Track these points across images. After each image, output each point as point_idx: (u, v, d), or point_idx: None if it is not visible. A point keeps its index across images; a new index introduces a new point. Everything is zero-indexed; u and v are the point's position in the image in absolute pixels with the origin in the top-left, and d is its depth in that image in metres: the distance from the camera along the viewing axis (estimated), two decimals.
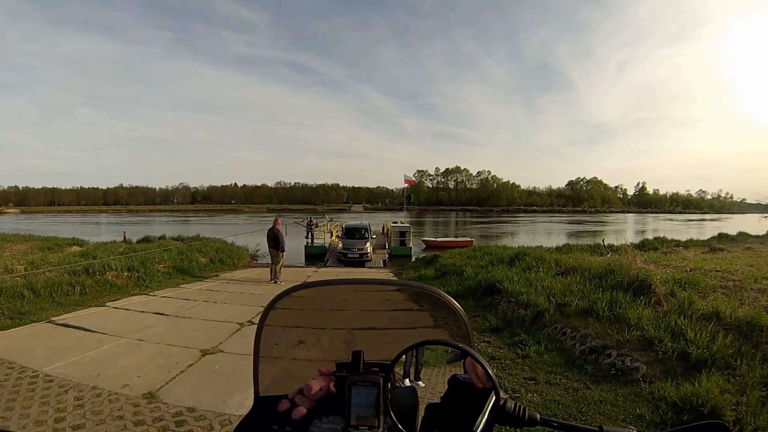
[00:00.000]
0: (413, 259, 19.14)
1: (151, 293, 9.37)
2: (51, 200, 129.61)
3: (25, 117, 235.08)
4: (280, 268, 12.02)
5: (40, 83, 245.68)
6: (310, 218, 23.49)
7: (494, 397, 0.70)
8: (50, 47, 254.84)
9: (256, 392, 0.91)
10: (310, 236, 21.90)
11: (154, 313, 7.29)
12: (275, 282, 11.48)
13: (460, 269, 10.80)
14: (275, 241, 11.81)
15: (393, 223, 25.72)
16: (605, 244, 19.90)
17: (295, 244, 22.66)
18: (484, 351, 5.30)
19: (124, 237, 21.50)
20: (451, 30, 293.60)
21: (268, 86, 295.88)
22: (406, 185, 28.82)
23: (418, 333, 0.95)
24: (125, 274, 10.76)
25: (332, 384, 0.83)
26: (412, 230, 22.25)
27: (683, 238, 26.56)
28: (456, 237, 33.46)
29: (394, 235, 21.77)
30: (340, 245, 19.25)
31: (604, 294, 6.35)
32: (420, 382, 0.97)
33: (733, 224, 53.34)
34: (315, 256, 20.25)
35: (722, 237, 27.23)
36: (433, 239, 28.73)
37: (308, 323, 1.04)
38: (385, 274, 13.71)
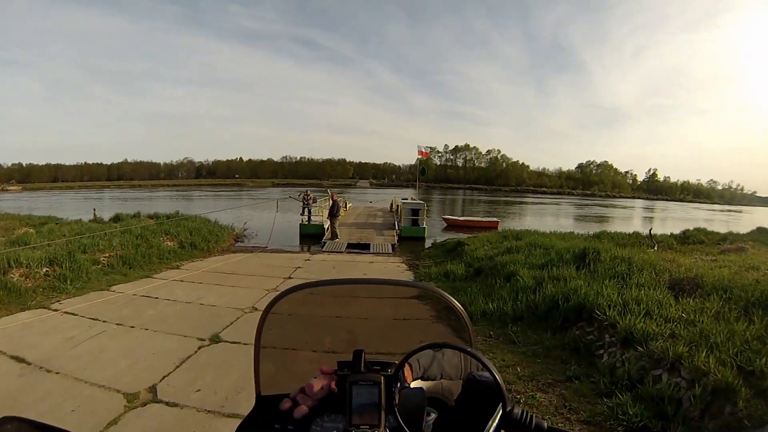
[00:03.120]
0: (428, 244, 16.02)
1: (61, 301, 6.46)
2: (55, 176, 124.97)
3: (30, 94, 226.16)
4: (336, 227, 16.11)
5: (45, 60, 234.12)
6: (307, 191, 19.91)
7: (501, 404, 0.69)
8: (55, 23, 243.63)
9: (258, 391, 0.90)
10: (306, 213, 18.68)
11: (13, 358, 4.30)
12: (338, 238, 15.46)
13: (506, 269, 7.68)
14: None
15: (403, 199, 22.53)
16: (651, 233, 16.75)
17: (286, 222, 19.70)
18: None
19: (94, 215, 18.78)
20: (462, 7, 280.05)
21: (275, 61, 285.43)
22: (419, 157, 25.55)
23: (420, 332, 0.97)
24: (42, 271, 7.78)
25: (334, 383, 0.82)
26: (426, 208, 19.02)
27: (715, 229, 23.34)
28: (481, 217, 29.95)
29: (405, 213, 18.43)
30: None
31: None
32: (427, 383, 0.88)
33: (752, 217, 49.85)
34: (311, 236, 17.01)
35: (762, 231, 24.23)
36: (455, 218, 25.40)
37: (309, 322, 1.04)
38: (396, 267, 10.62)
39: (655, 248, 13.87)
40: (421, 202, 19.81)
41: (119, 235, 11.10)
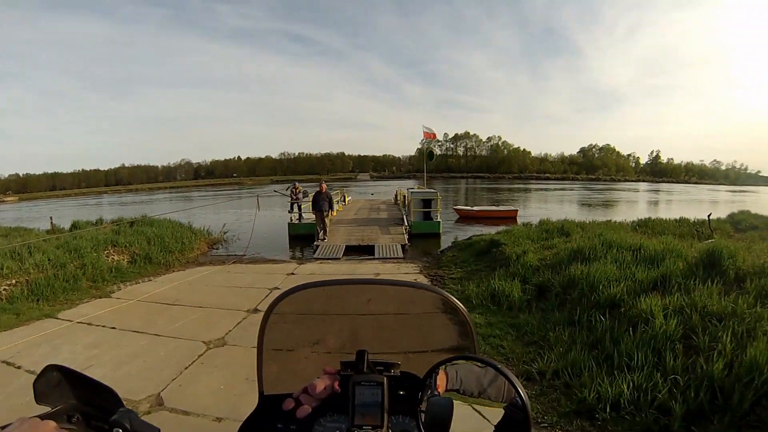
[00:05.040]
0: (446, 242, 13.09)
1: None
2: (53, 185, 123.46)
3: (24, 104, 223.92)
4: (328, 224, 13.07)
5: (37, 70, 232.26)
6: (295, 184, 16.51)
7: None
8: (44, 33, 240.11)
9: (261, 391, 0.88)
10: (297, 210, 15.47)
11: None
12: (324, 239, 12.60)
13: (602, 293, 4.81)
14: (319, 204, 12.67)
15: (409, 189, 19.52)
16: (710, 219, 13.74)
17: (272, 219, 16.92)
18: None
19: (51, 224, 16.04)
20: None
21: (267, 58, 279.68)
22: (424, 140, 22.54)
23: (423, 332, 0.96)
24: None
25: (337, 383, 0.80)
26: (439, 198, 15.99)
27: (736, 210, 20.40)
28: (496, 206, 26.70)
29: (415, 204, 15.47)
30: None
31: None
32: (456, 394, 0.82)
33: (765, 197, 46.64)
34: (302, 238, 13.96)
35: None
36: (468, 208, 22.17)
37: (312, 322, 1.00)
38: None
39: (714, 237, 11.12)
40: (433, 190, 16.79)
41: (50, 252, 8.31)
